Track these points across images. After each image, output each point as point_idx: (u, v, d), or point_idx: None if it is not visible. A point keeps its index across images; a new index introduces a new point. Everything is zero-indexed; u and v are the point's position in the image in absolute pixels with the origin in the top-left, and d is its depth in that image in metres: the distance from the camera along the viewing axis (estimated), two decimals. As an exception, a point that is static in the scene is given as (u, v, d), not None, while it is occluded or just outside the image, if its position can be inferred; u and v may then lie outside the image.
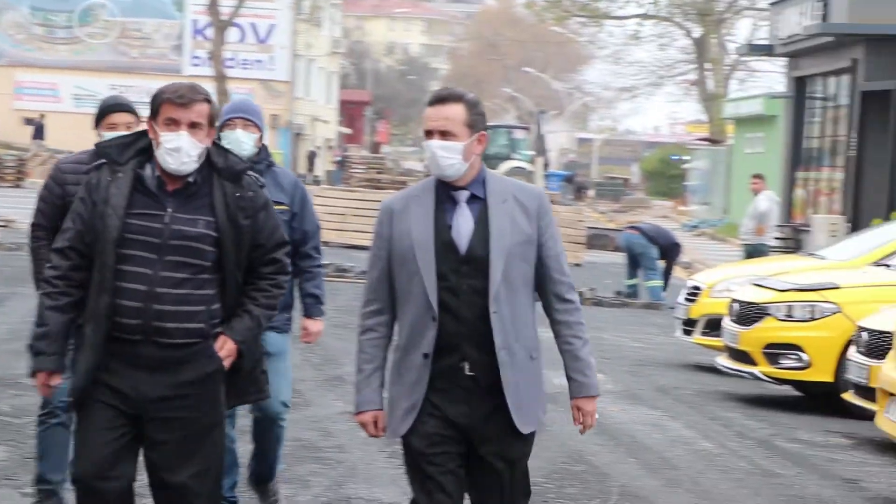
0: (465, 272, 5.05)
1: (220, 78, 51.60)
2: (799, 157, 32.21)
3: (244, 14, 56.90)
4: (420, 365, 5.07)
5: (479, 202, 5.12)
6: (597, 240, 33.07)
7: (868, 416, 11.27)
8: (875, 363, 10.62)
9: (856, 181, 28.18)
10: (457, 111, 5.08)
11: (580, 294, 20.94)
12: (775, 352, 12.43)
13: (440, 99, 5.12)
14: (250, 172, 5.41)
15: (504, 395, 5.05)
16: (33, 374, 5.36)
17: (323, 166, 66.12)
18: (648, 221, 25.38)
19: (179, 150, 5.22)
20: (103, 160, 5.36)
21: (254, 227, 5.35)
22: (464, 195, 5.13)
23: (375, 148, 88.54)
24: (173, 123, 5.23)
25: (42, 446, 7.04)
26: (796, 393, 13.25)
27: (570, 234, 28.36)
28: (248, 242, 5.34)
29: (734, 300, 13.28)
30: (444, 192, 5.13)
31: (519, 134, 62.32)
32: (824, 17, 29.05)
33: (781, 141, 40.61)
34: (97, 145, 5.65)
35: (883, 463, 10.43)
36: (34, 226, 6.83)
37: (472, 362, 5.06)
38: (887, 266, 12.98)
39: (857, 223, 27.44)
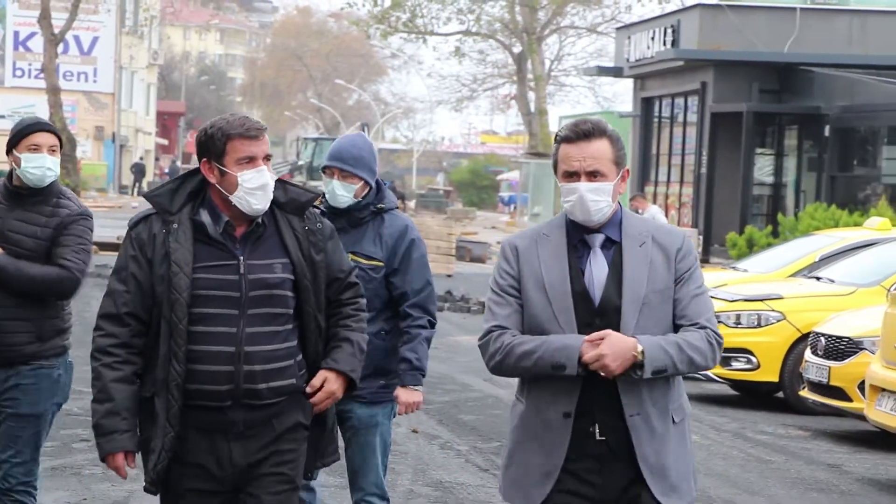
0: (598, 325, 4.49)
1: (54, 90, 51.75)
2: (647, 174, 34.23)
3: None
4: (560, 426, 4.54)
5: (613, 246, 4.59)
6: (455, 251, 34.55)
7: (822, 411, 13.01)
8: (834, 364, 12.28)
9: (707, 197, 30.25)
10: (603, 148, 4.53)
11: (481, 304, 22.47)
12: (727, 355, 14.01)
13: (584, 135, 4.54)
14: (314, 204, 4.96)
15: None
16: (105, 457, 4.76)
17: (149, 178, 66.24)
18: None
19: (265, 188, 4.73)
20: (149, 211, 4.82)
21: (327, 261, 4.90)
22: (598, 239, 4.59)
23: (186, 158, 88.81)
24: (250, 160, 4.73)
25: None
26: (732, 392, 14.91)
27: (441, 246, 29.80)
28: (323, 279, 4.88)
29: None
30: (577, 234, 4.60)
31: (344, 146, 63.36)
32: (675, 43, 31.07)
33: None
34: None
35: (849, 451, 12.07)
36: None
37: (602, 426, 4.53)
38: (817, 278, 14.70)
39: (708, 237, 29.58)
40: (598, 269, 4.56)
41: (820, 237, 16.99)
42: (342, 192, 6.22)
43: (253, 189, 4.71)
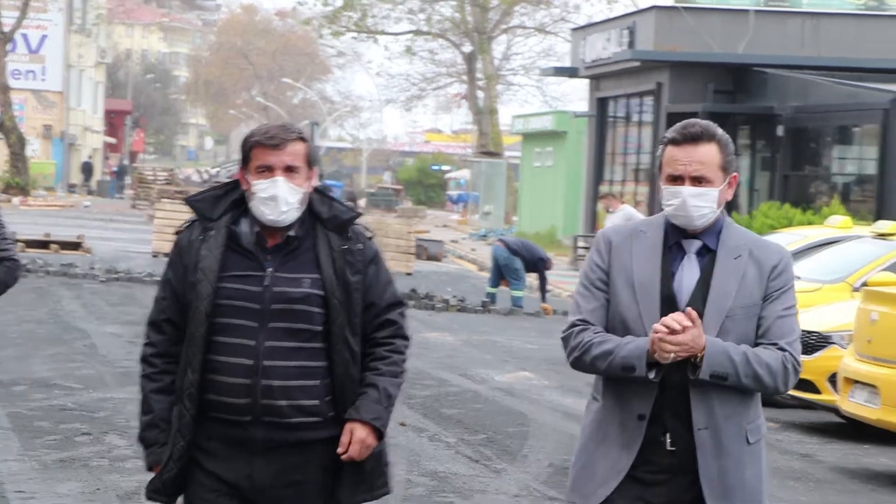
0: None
1: (3, 89, 51.83)
2: (602, 172, 34.69)
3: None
4: (633, 427, 4.43)
5: (708, 254, 4.46)
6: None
7: (792, 404, 13.47)
8: (804, 358, 12.69)
9: (663, 195, 30.75)
10: (711, 153, 4.40)
11: (446, 302, 22.82)
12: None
13: (692, 138, 4.41)
14: (359, 222, 4.79)
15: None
16: (150, 468, 4.75)
17: (97, 177, 66.13)
18: (515, 237, 27.41)
19: (276, 199, 4.60)
20: (194, 217, 4.76)
21: (364, 284, 4.70)
22: (694, 245, 4.47)
23: (133, 157, 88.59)
24: (267, 170, 4.62)
25: None
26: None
27: (401, 245, 30.13)
28: (359, 301, 4.68)
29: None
30: (674, 236, 4.47)
31: (294, 146, 63.71)
32: (631, 44, 31.55)
33: (571, 156, 43.31)
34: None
35: (820, 441, 12.51)
36: None
37: (675, 436, 4.40)
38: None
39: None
40: (688, 274, 4.44)
41: (784, 235, 17.42)
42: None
43: (265, 199, 4.60)
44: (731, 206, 29.86)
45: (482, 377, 15.15)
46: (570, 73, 36.38)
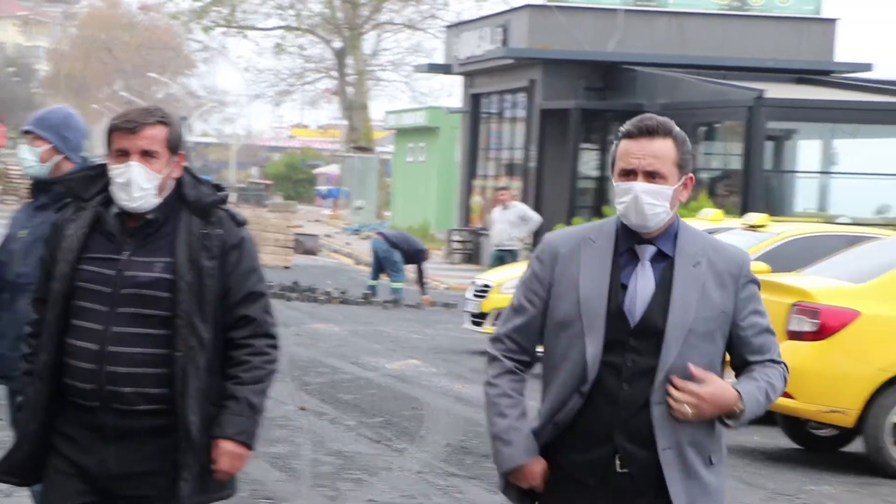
0: (632, 346, 4.13)
1: None
2: (475, 168, 35.34)
3: None
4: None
5: (664, 261, 4.19)
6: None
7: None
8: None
9: (536, 190, 31.47)
10: (667, 148, 4.18)
11: (328, 294, 23.26)
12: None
13: (648, 131, 4.19)
14: (226, 207, 4.64)
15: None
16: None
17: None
18: (394, 230, 27.90)
19: (130, 184, 4.48)
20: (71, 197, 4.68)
21: (223, 270, 4.54)
22: (648, 251, 4.19)
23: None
24: (123, 154, 4.50)
25: None
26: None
27: (279, 239, 30.51)
28: (212, 288, 4.52)
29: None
30: (626, 242, 4.20)
31: (164, 141, 63.59)
32: (504, 42, 32.23)
33: (443, 151, 43.97)
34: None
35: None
36: None
37: (626, 457, 4.14)
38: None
39: (538, 228, 30.77)
40: (643, 284, 4.15)
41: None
42: (26, 156, 6.05)
43: (121, 184, 4.50)
44: (602, 200, 30.77)
45: (373, 365, 15.63)
46: (444, 69, 36.95)
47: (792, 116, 28.24)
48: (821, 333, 11.19)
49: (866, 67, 33.10)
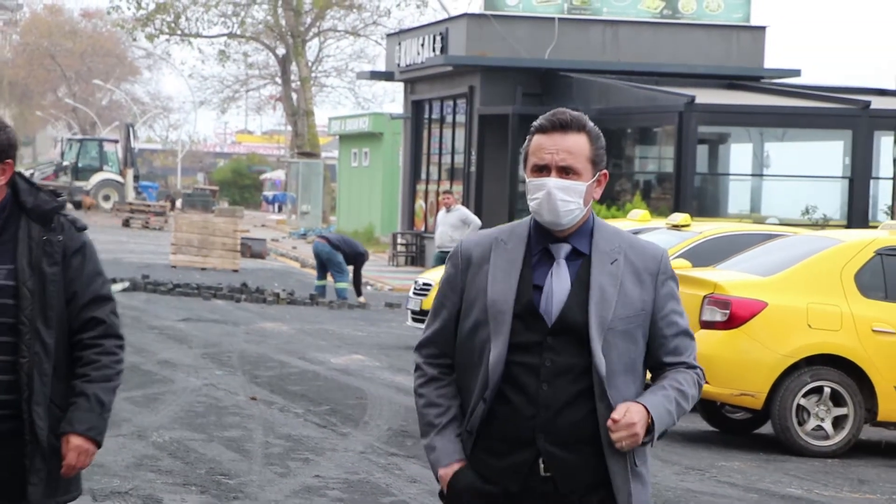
0: (550, 346, 4.05)
1: None
2: (418, 172, 36.26)
3: None
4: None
5: (580, 259, 4.11)
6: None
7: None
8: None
9: (477, 193, 32.43)
10: (581, 143, 4.07)
11: (276, 295, 24.10)
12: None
13: (561, 126, 4.07)
14: (66, 213, 4.68)
15: None
16: None
17: None
18: (336, 233, 28.83)
19: None
20: None
21: (67, 276, 4.60)
22: (563, 249, 4.11)
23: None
24: None
25: None
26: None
27: (227, 243, 31.34)
28: (56, 294, 4.58)
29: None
30: (539, 241, 4.12)
31: (109, 146, 64.05)
32: (443, 49, 33.17)
33: (387, 156, 44.88)
34: None
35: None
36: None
37: (549, 460, 4.06)
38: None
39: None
40: (559, 283, 4.07)
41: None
42: None
43: None
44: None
45: (319, 360, 16.50)
46: (386, 76, 37.81)
47: (722, 121, 29.32)
48: (731, 323, 12.14)
49: (795, 73, 34.21)
